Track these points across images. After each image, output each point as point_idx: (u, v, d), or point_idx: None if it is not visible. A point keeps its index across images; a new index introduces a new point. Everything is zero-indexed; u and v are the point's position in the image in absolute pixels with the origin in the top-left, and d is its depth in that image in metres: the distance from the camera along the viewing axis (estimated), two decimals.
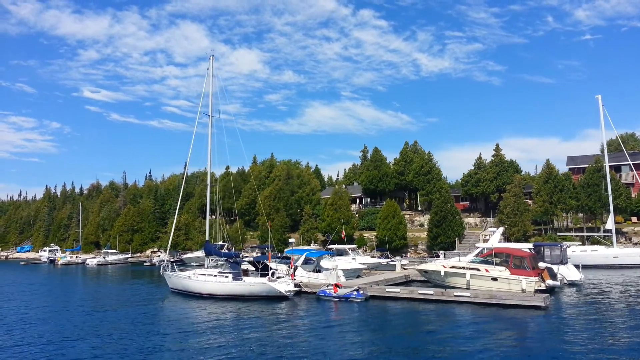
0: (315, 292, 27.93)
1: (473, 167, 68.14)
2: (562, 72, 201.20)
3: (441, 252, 45.77)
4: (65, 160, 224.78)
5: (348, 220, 63.55)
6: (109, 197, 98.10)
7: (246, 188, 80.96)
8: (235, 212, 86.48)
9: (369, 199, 78.50)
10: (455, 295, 24.43)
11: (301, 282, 28.99)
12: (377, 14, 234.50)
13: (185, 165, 35.33)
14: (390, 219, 60.12)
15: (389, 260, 40.25)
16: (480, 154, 68.98)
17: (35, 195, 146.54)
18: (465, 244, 55.54)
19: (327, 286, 27.49)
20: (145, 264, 66.92)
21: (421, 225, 69.17)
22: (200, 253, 66.59)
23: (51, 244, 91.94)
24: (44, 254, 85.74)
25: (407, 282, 33.36)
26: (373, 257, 40.87)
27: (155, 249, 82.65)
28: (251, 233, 77.99)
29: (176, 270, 32.77)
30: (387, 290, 26.39)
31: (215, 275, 29.09)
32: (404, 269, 37.83)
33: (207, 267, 31.38)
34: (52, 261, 77.00)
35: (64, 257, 74.90)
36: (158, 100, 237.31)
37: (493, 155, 68.09)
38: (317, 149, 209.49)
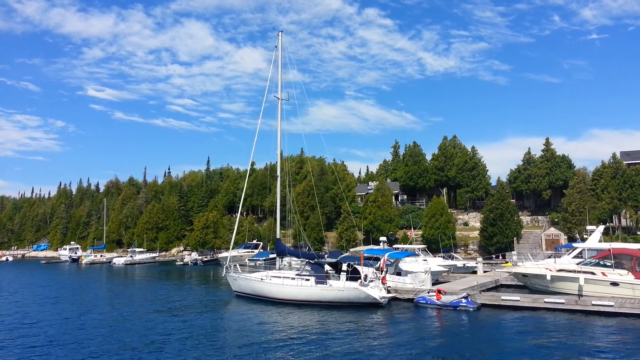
0: (413, 299, 24.40)
1: (522, 163, 64.35)
2: (568, 71, 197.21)
3: (514, 252, 42.14)
4: (70, 158, 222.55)
5: (391, 218, 60.02)
6: (130, 194, 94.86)
7: (275, 185, 77.34)
8: (261, 210, 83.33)
9: (405, 196, 74.80)
10: (593, 305, 20.79)
11: (389, 287, 25.44)
12: (383, 13, 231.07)
13: (251, 155, 31.70)
14: (438, 217, 56.60)
15: (465, 262, 36.62)
16: (529, 148, 65.20)
17: (50, 193, 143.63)
18: (523, 244, 51.85)
19: (428, 292, 23.93)
20: (177, 263, 63.49)
21: (465, 224, 65.51)
22: (235, 252, 63.17)
23: (71, 242, 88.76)
24: (64, 253, 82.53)
25: (497, 287, 29.78)
26: (445, 258, 37.26)
27: (182, 248, 79.34)
28: (283, 232, 74.41)
29: (240, 271, 29.32)
30: (503, 298, 22.76)
31: (293, 278, 25.60)
32: (485, 271, 34.21)
33: (280, 269, 27.91)
34: (75, 260, 73.74)
35: (88, 256, 71.62)
36: (162, 99, 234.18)
37: (543, 150, 64.30)
38: (321, 148, 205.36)
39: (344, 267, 25.22)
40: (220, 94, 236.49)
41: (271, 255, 62.86)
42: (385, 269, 25.28)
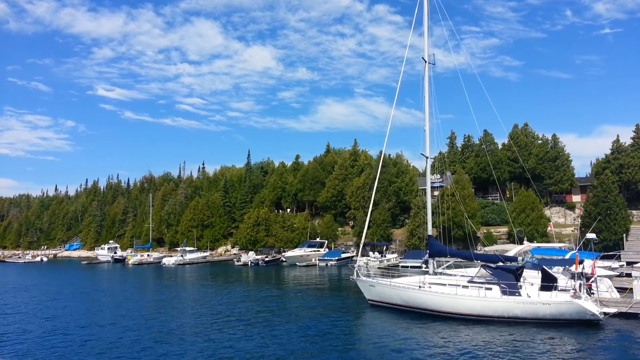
0: (635, 314, 18.99)
1: (610, 152, 58.50)
2: (580, 67, 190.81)
3: None
4: (80, 158, 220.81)
5: (474, 213, 54.60)
6: (169, 189, 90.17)
7: (330, 178, 72.11)
8: (309, 205, 78.08)
9: (472, 190, 69.10)
10: None
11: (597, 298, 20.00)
12: (392, 9, 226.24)
13: (385, 138, 26.32)
14: (528, 211, 51.25)
15: (619, 265, 31.18)
16: (617, 136, 59.35)
17: (77, 190, 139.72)
18: (633, 242, 46.03)
19: None
20: (235, 263, 58.49)
21: (548, 219, 59.78)
22: (301, 251, 57.84)
23: (109, 241, 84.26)
24: (102, 252, 78.07)
25: None
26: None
27: (229, 246, 74.43)
28: (341, 229, 69.17)
29: (373, 276, 24.10)
30: None
31: (466, 286, 20.30)
32: None
33: (434, 273, 22.67)
34: (119, 260, 69.20)
35: (134, 256, 66.93)
36: (172, 98, 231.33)
37: (632, 137, 58.43)
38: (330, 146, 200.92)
39: (533, 274, 19.89)
40: (230, 92, 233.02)
41: (343, 255, 57.67)
42: (595, 277, 19.92)
